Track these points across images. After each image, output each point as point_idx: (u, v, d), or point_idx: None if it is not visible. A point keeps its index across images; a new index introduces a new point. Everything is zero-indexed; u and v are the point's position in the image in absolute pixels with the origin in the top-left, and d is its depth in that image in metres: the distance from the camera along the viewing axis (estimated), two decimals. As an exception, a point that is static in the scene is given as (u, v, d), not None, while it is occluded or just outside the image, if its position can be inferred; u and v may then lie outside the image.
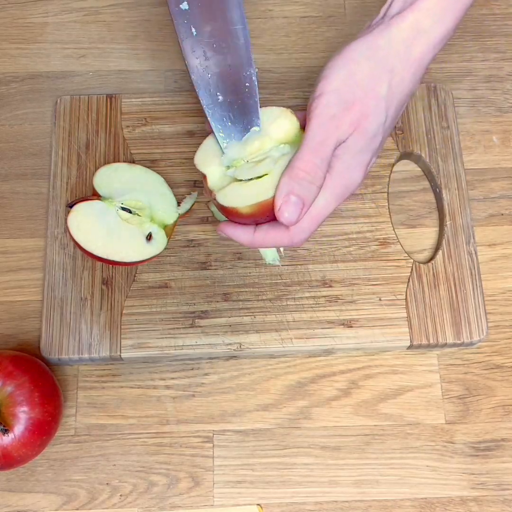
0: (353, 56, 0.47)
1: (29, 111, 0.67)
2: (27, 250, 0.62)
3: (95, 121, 0.64)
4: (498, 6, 0.71)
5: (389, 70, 0.47)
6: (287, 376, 0.59)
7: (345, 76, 0.47)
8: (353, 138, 0.47)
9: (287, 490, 0.57)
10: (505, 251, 0.63)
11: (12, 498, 0.56)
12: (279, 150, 0.49)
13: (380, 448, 0.58)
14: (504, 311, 0.61)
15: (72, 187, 0.62)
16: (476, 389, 0.59)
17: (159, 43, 0.69)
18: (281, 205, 0.46)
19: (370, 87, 0.46)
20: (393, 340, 0.58)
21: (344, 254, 0.60)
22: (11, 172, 0.65)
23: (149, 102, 0.65)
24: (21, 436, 0.51)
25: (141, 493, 0.56)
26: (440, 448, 0.58)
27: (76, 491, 0.56)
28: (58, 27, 0.70)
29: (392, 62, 0.47)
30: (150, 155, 0.63)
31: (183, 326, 0.58)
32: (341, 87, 0.47)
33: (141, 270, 0.60)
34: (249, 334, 0.58)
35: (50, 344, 0.58)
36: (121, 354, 0.57)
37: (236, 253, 0.60)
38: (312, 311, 0.59)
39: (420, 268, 0.60)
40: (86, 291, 0.59)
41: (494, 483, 0.57)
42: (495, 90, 0.68)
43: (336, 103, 0.46)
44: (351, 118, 0.46)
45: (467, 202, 0.62)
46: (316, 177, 0.46)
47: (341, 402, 0.59)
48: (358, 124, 0.47)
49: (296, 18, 0.70)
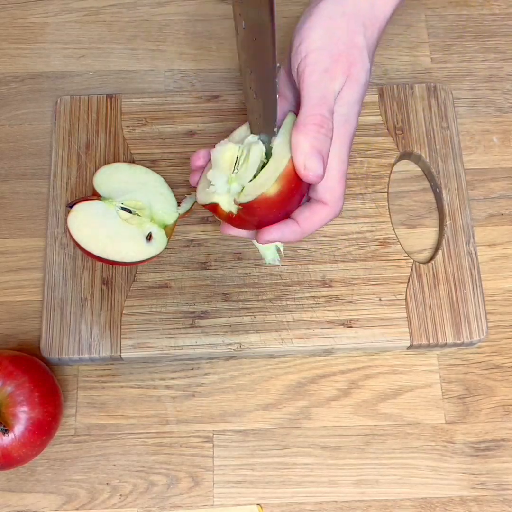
0: (327, 14, 0.49)
1: (29, 111, 0.67)
2: (27, 250, 0.62)
3: (95, 121, 0.64)
4: (498, 6, 0.71)
5: (362, 24, 0.49)
6: (287, 376, 0.59)
7: (326, 33, 0.49)
8: (347, 88, 0.49)
9: (287, 490, 0.57)
10: (505, 251, 0.63)
11: (12, 498, 0.56)
12: (246, 141, 0.50)
13: (380, 448, 0.58)
14: (504, 311, 0.61)
15: (72, 187, 0.62)
16: (476, 389, 0.59)
17: (159, 43, 0.69)
18: (306, 164, 0.46)
19: (350, 39, 0.49)
20: (393, 340, 0.58)
21: (344, 254, 0.60)
22: (11, 172, 0.65)
23: (149, 102, 0.65)
24: (21, 436, 0.51)
25: (141, 493, 0.56)
26: (440, 448, 0.58)
27: (76, 491, 0.56)
28: (58, 27, 0.70)
29: (362, 16, 0.49)
30: (150, 155, 0.63)
31: (183, 326, 0.58)
32: (325, 44, 0.48)
33: (141, 270, 0.60)
34: (249, 334, 0.58)
35: (50, 344, 0.58)
36: (121, 354, 0.57)
37: (236, 253, 0.60)
38: (312, 311, 0.59)
39: (420, 268, 0.60)
40: (86, 291, 0.59)
41: (494, 483, 0.57)
42: (495, 90, 0.68)
43: (325, 58, 0.48)
44: (342, 67, 0.48)
45: (467, 202, 0.62)
46: (328, 128, 0.47)
47: (341, 402, 0.59)
48: (349, 72, 0.48)
49: (296, 18, 0.70)
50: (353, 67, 0.48)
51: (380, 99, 0.65)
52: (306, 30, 0.49)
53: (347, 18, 0.49)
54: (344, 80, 0.48)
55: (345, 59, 0.48)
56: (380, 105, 0.65)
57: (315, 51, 0.48)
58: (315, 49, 0.48)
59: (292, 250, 0.60)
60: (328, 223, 0.50)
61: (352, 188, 0.62)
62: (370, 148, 0.63)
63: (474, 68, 0.69)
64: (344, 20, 0.49)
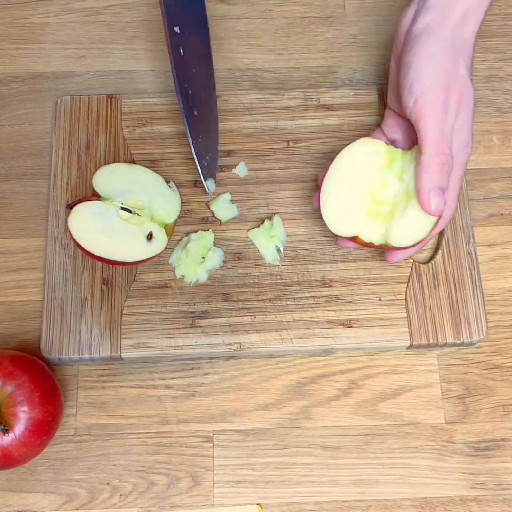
0: (431, 51, 0.53)
1: (29, 111, 0.67)
2: (28, 250, 0.62)
3: (95, 121, 0.64)
4: (498, 6, 0.71)
5: (460, 53, 0.54)
6: (287, 376, 0.59)
7: (434, 71, 0.53)
8: (462, 116, 0.53)
9: (287, 490, 0.57)
10: (505, 251, 0.63)
11: (12, 497, 0.56)
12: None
13: (380, 447, 0.58)
14: (504, 311, 0.61)
15: (72, 187, 0.62)
16: (476, 389, 0.59)
17: (159, 43, 0.69)
18: (430, 201, 0.52)
19: (455, 71, 0.53)
20: (393, 340, 0.58)
21: (344, 254, 0.60)
22: (11, 172, 0.65)
23: (149, 102, 0.65)
24: (22, 436, 0.51)
25: (141, 492, 0.56)
26: (440, 448, 0.58)
27: (76, 490, 0.56)
28: (58, 28, 0.70)
29: (458, 46, 0.54)
30: (150, 155, 0.63)
31: (183, 326, 0.58)
32: (436, 81, 0.52)
33: (141, 270, 0.60)
34: (249, 334, 0.58)
35: (50, 344, 0.58)
36: (121, 354, 0.57)
37: (236, 253, 0.60)
38: (312, 311, 0.59)
39: (420, 268, 0.60)
40: (86, 291, 0.59)
41: (493, 482, 0.57)
42: (495, 90, 0.68)
43: (440, 95, 0.52)
44: (454, 100, 0.53)
45: (467, 202, 0.62)
46: (450, 164, 0.52)
47: (341, 402, 0.59)
48: (460, 103, 0.53)
49: (296, 18, 0.70)
50: (463, 97, 0.53)
51: (380, 99, 0.65)
52: (414, 71, 0.53)
53: (447, 51, 0.53)
54: (457, 111, 0.53)
55: (456, 92, 0.53)
56: (380, 105, 0.65)
57: (430, 88, 0.52)
58: (430, 86, 0.52)
59: (292, 250, 0.60)
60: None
61: (352, 188, 0.62)
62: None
63: (474, 68, 0.68)
64: (446, 54, 0.53)
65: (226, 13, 0.71)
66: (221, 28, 0.70)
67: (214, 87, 0.61)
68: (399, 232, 0.53)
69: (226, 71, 0.68)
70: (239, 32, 0.70)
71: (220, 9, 0.71)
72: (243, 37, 0.70)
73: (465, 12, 0.54)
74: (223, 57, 0.69)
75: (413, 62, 0.53)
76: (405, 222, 0.53)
